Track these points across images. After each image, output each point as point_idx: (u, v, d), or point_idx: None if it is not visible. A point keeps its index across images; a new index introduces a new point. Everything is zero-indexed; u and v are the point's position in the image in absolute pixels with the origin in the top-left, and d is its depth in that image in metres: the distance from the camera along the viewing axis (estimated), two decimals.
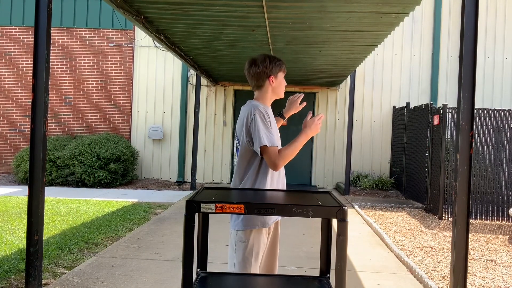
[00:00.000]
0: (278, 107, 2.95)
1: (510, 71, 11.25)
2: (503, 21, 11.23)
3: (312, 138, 11.17)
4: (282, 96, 2.68)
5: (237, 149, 2.60)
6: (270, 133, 2.43)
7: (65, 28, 11.44)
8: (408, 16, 5.17)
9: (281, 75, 2.63)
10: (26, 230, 3.34)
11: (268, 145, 2.38)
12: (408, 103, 9.91)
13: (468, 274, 3.54)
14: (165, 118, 11.44)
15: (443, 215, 7.35)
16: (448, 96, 11.15)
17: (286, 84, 2.68)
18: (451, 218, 6.82)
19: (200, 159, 11.15)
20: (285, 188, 2.62)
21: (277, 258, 2.64)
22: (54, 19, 10.92)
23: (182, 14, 5.39)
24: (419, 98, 11.21)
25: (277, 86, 2.61)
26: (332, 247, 2.20)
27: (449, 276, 3.66)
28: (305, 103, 2.98)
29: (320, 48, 6.99)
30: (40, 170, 3.36)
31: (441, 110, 7.57)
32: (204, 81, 10.83)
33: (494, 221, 7.36)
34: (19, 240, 5.12)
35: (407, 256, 5.03)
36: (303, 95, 2.97)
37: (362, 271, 4.59)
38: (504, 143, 7.50)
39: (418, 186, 8.79)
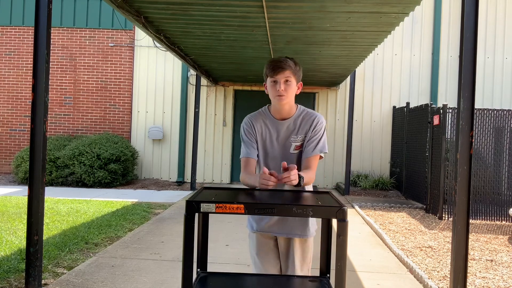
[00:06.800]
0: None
1: (510, 71, 11.25)
2: (503, 21, 11.23)
3: None
4: (275, 102, 2.36)
5: None
6: (244, 145, 2.46)
7: (65, 28, 11.44)
8: (408, 16, 5.17)
9: (268, 81, 2.36)
10: (26, 230, 3.34)
11: (241, 157, 2.47)
12: (408, 103, 9.90)
13: (468, 274, 3.54)
14: (165, 118, 11.44)
15: (443, 215, 7.35)
16: (448, 96, 11.14)
17: (277, 87, 2.30)
18: (451, 218, 6.81)
19: (200, 159, 11.15)
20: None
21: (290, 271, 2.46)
22: (54, 19, 10.91)
23: (182, 14, 5.40)
24: (419, 98, 11.21)
25: (268, 93, 2.40)
26: (332, 247, 2.19)
27: (449, 276, 3.66)
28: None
29: (320, 48, 6.99)
30: (40, 170, 3.36)
31: (441, 110, 7.57)
32: (204, 81, 10.83)
33: (494, 221, 7.36)
34: (19, 240, 5.12)
35: (407, 256, 5.03)
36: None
37: (362, 271, 4.59)
38: (504, 143, 7.50)
39: (418, 186, 8.78)
